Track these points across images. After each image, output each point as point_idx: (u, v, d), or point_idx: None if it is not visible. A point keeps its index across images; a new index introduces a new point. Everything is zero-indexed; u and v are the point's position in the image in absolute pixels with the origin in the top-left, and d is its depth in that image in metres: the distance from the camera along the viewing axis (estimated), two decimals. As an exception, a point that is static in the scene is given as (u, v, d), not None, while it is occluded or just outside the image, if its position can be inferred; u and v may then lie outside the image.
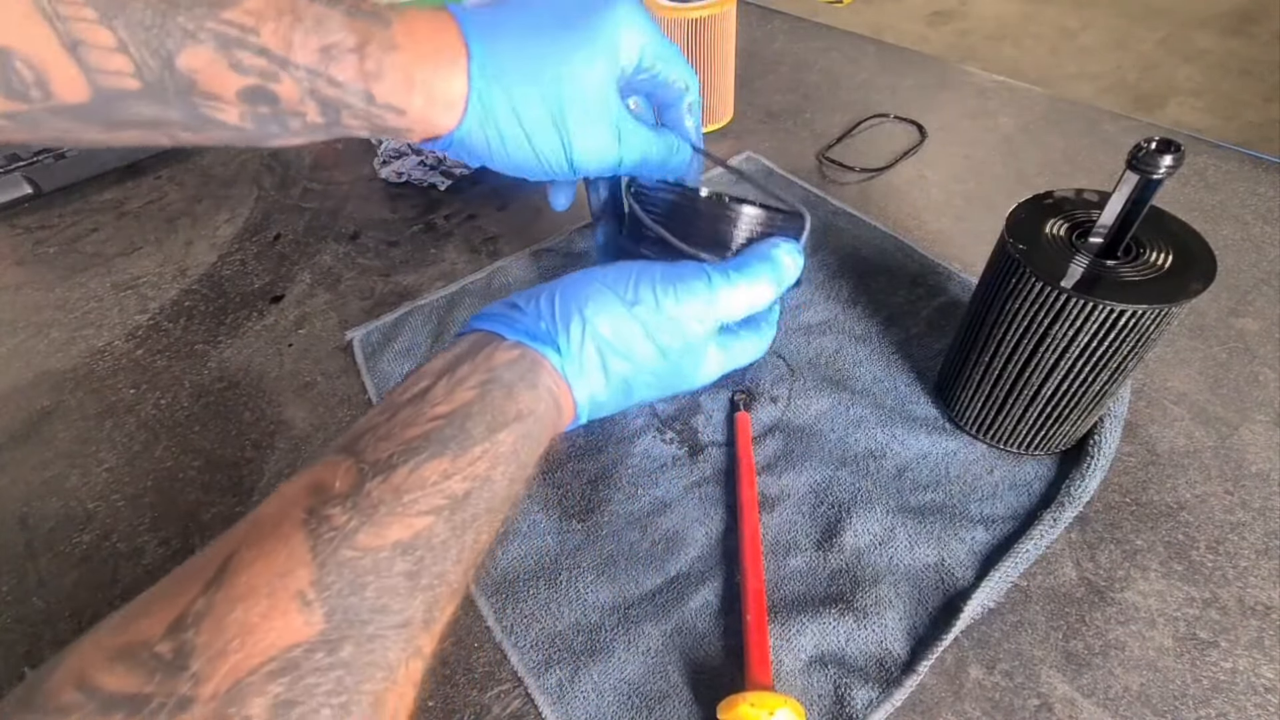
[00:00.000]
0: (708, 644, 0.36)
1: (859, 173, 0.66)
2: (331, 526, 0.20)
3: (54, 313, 0.60)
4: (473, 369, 0.25)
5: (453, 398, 0.24)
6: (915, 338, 0.50)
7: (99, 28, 0.24)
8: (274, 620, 0.18)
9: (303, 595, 0.19)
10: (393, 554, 0.21)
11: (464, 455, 0.23)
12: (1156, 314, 0.33)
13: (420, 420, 0.23)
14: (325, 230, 0.66)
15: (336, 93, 0.28)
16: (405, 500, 0.22)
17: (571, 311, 0.27)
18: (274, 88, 0.27)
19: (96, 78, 0.25)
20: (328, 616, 0.19)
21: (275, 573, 0.19)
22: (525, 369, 0.26)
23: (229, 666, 0.17)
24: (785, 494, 0.42)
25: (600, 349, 0.27)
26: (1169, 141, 0.32)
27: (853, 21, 2.70)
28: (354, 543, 0.20)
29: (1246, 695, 0.33)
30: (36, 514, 0.45)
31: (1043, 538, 0.37)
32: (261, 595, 0.18)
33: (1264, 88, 2.18)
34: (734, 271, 0.30)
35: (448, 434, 0.23)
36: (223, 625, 0.18)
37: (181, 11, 0.25)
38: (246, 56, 0.26)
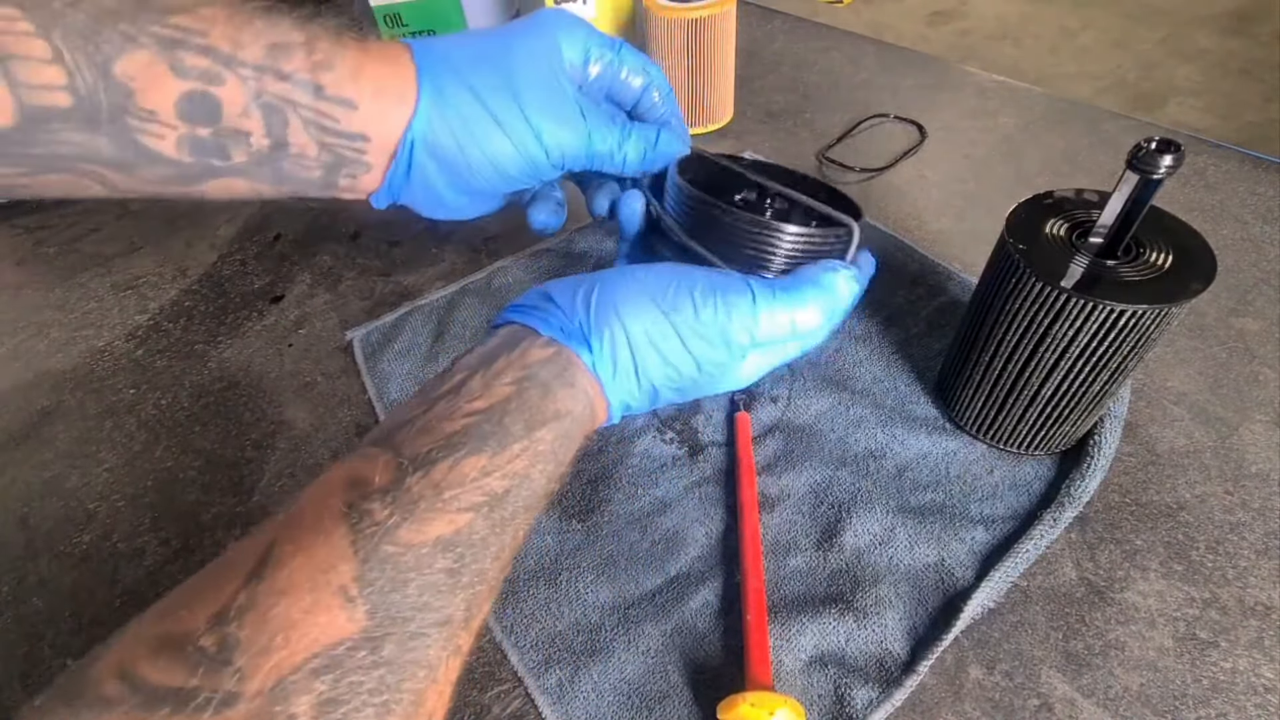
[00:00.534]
0: (708, 644, 0.36)
1: (859, 173, 0.66)
2: (373, 521, 0.20)
3: (54, 313, 0.60)
4: (508, 364, 0.25)
5: (490, 393, 0.24)
6: (915, 338, 0.50)
7: (34, 39, 0.23)
8: (318, 616, 0.18)
9: (345, 591, 0.19)
10: (434, 550, 0.21)
11: (503, 452, 0.23)
12: (1156, 314, 0.33)
13: (457, 415, 0.23)
14: (325, 230, 0.66)
15: (284, 88, 0.26)
16: (446, 496, 0.21)
17: (608, 313, 0.27)
18: (216, 91, 0.25)
19: (23, 94, 0.23)
20: (370, 613, 0.19)
21: (317, 567, 0.19)
22: (561, 367, 0.26)
23: (273, 663, 0.17)
24: (785, 494, 0.42)
25: (635, 353, 0.27)
26: (1169, 141, 0.32)
27: (853, 21, 2.71)
28: (395, 538, 0.20)
29: (1246, 695, 0.33)
30: (36, 514, 0.45)
31: (1043, 538, 0.38)
32: (304, 590, 0.18)
33: (1264, 88, 2.18)
34: (781, 292, 0.28)
35: (486, 430, 0.23)
36: (266, 620, 0.18)
37: (124, 19, 0.24)
38: (188, 56, 0.25)
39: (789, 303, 0.28)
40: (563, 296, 0.27)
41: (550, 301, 0.27)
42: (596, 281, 0.28)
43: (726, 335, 0.28)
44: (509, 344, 0.26)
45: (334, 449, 0.47)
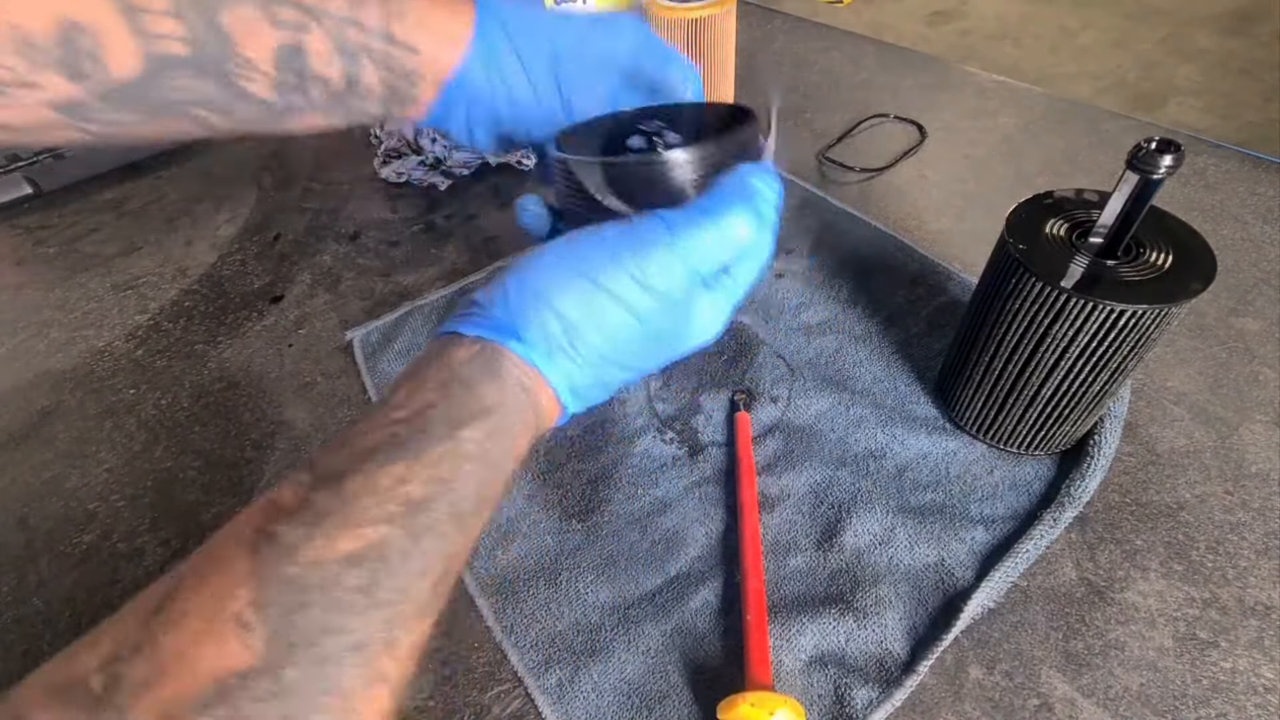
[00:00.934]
0: (708, 644, 0.36)
1: (859, 173, 0.66)
2: (275, 544, 0.19)
3: (54, 313, 0.60)
4: (434, 371, 0.24)
5: (412, 401, 0.23)
6: (915, 338, 0.50)
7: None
8: (207, 646, 0.17)
9: (239, 617, 0.17)
10: (341, 567, 0.19)
11: (422, 457, 0.21)
12: (1156, 314, 0.33)
13: (377, 427, 0.22)
14: (325, 230, 0.66)
15: (362, 38, 0.29)
16: (354, 509, 0.20)
17: (526, 295, 0.25)
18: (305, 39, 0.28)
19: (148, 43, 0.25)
20: (269, 639, 0.17)
21: (213, 596, 0.18)
22: (485, 361, 0.24)
23: (159, 697, 0.16)
24: (785, 494, 0.42)
25: (565, 328, 0.25)
26: (1169, 141, 0.32)
27: (853, 21, 2.71)
28: (297, 558, 0.19)
29: (1246, 695, 0.33)
30: (36, 514, 0.45)
31: (1043, 538, 0.37)
32: (195, 619, 0.17)
33: (1264, 88, 2.18)
34: (697, 213, 0.26)
35: (404, 437, 0.22)
36: (155, 654, 0.17)
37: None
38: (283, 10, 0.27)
39: (710, 219, 0.26)
40: (483, 294, 0.26)
41: (474, 303, 0.26)
42: (513, 268, 0.26)
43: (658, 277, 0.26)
44: (436, 353, 0.25)
45: (334, 449, 0.47)
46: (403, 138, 0.70)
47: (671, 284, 0.26)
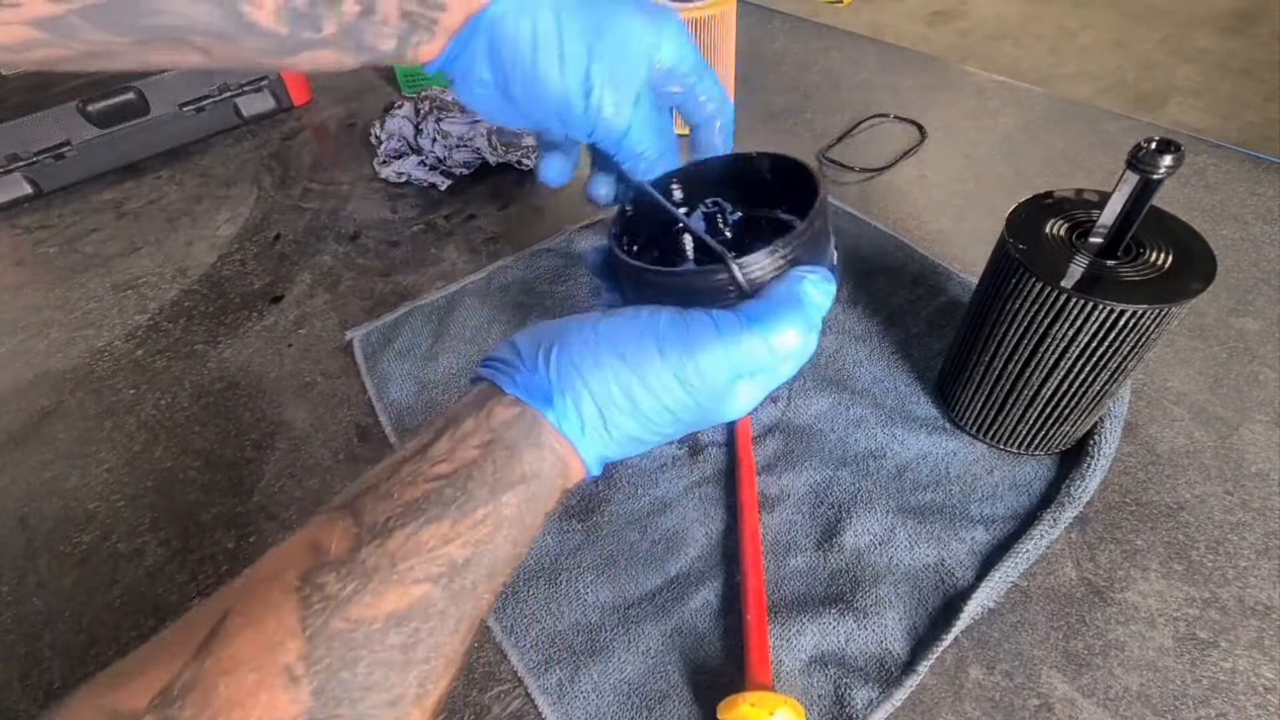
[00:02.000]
0: (708, 644, 0.36)
1: (859, 173, 0.66)
2: (324, 595, 0.19)
3: (54, 313, 0.60)
4: (475, 426, 0.24)
5: (455, 456, 0.23)
6: (915, 338, 0.50)
7: None
8: (260, 696, 0.18)
9: (290, 670, 0.18)
10: (386, 626, 0.20)
11: (465, 519, 0.22)
12: (1156, 314, 0.33)
13: (420, 480, 0.23)
14: (325, 230, 0.66)
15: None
16: (401, 568, 0.21)
17: (569, 373, 0.25)
18: None
19: None
20: (316, 694, 0.18)
21: (264, 644, 0.18)
22: (527, 428, 0.25)
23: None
24: (785, 494, 0.42)
25: (601, 410, 0.26)
26: (1169, 141, 0.32)
27: (853, 21, 2.71)
28: (346, 614, 0.19)
29: (1246, 695, 0.33)
30: (36, 514, 0.45)
31: (1043, 538, 0.38)
32: (249, 669, 0.18)
33: (1264, 88, 2.18)
34: (750, 322, 0.26)
35: (448, 495, 0.22)
36: (209, 699, 0.17)
37: None
38: None
39: (762, 330, 0.26)
40: (527, 350, 0.26)
41: (516, 355, 0.26)
42: (557, 336, 0.26)
43: (700, 378, 0.26)
44: (477, 404, 0.25)
45: (334, 449, 0.47)
46: (403, 137, 0.71)
47: (713, 384, 0.26)
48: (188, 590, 0.40)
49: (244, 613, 0.19)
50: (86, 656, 0.38)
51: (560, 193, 0.68)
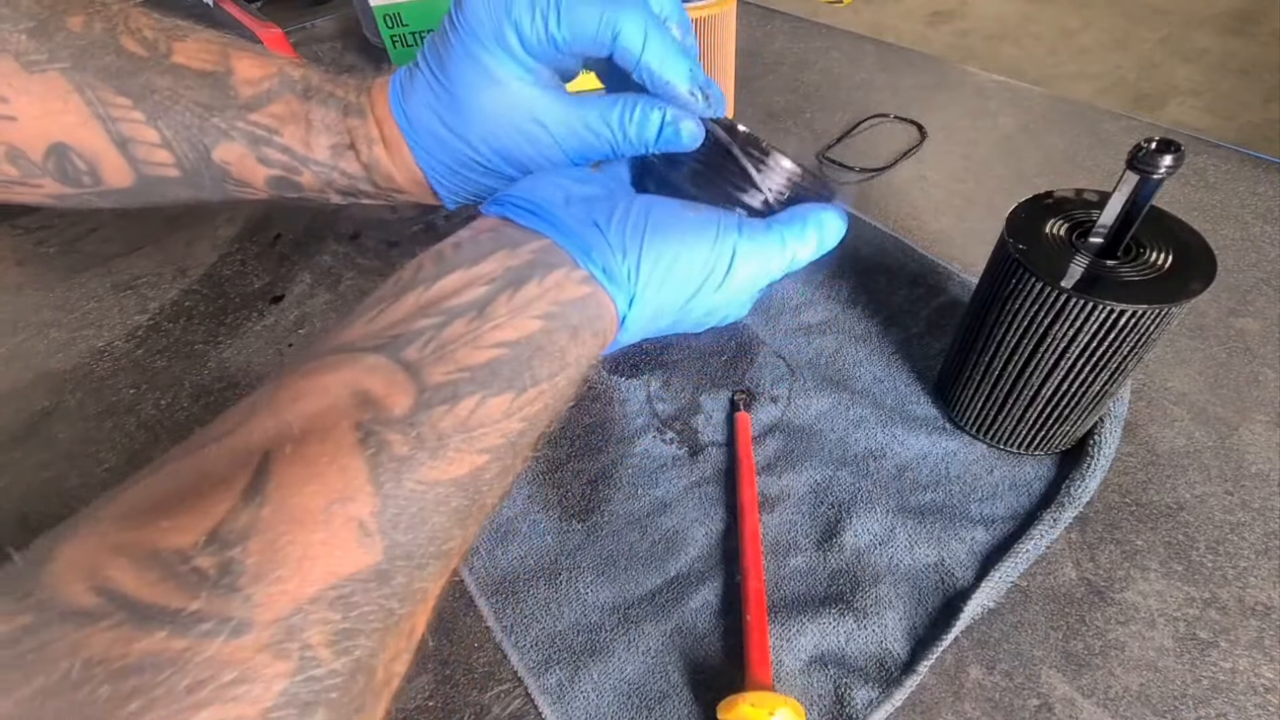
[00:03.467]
0: (708, 644, 0.36)
1: (859, 173, 0.66)
2: (393, 455, 0.19)
3: (54, 313, 0.60)
4: (540, 292, 0.23)
5: (516, 323, 0.23)
6: (915, 338, 0.50)
7: (146, 127, 0.28)
8: (334, 549, 0.17)
9: (364, 526, 0.18)
10: (452, 490, 0.20)
11: (525, 394, 0.22)
12: (1156, 314, 0.33)
13: (482, 343, 0.22)
14: (325, 230, 0.66)
15: (349, 181, 0.32)
16: (472, 435, 0.21)
17: (657, 262, 0.25)
18: (297, 178, 0.31)
19: (141, 167, 0.29)
20: (387, 550, 0.18)
21: (332, 497, 0.18)
22: (594, 313, 0.25)
23: (287, 592, 0.16)
24: (785, 494, 0.42)
25: (663, 306, 0.26)
26: (1169, 141, 0.32)
27: (853, 21, 2.71)
28: (418, 475, 0.19)
29: (1246, 695, 0.33)
30: (36, 514, 0.45)
31: (1043, 538, 0.38)
32: (319, 521, 0.17)
33: (1264, 88, 2.18)
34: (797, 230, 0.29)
35: (513, 369, 0.22)
36: (276, 547, 0.17)
37: (216, 114, 0.29)
38: (272, 153, 0.30)
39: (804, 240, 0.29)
40: (608, 224, 0.25)
41: (597, 230, 0.25)
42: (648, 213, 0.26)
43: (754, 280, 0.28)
44: (541, 265, 0.24)
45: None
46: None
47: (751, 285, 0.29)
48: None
49: (299, 460, 0.18)
50: (86, 656, 0.38)
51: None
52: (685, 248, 0.26)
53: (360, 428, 0.19)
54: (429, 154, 0.31)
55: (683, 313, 0.28)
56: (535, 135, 0.29)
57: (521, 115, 0.29)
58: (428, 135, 0.30)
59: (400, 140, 0.31)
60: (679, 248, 0.26)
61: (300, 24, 1.04)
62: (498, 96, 0.28)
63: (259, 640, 0.16)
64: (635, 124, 0.28)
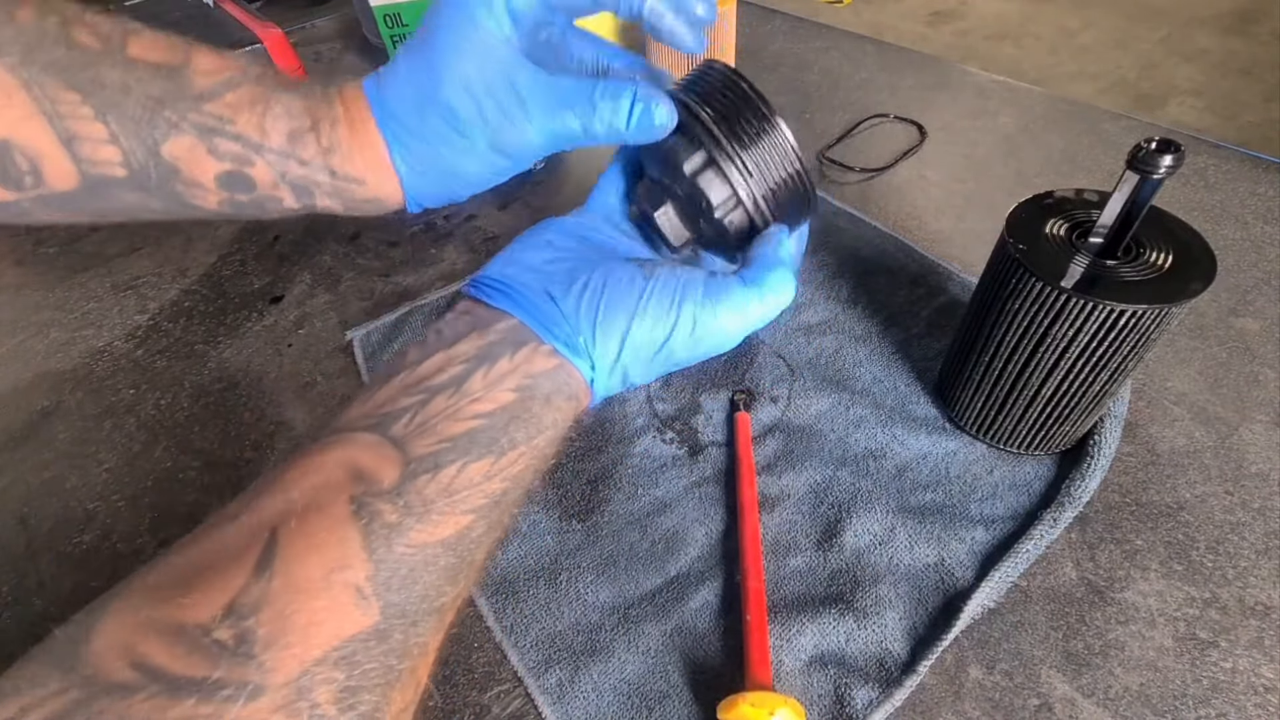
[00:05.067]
0: (708, 644, 0.36)
1: (859, 173, 0.66)
2: (384, 523, 0.21)
3: (54, 313, 0.60)
4: (512, 367, 0.26)
5: (492, 396, 0.25)
6: (915, 338, 0.50)
7: (94, 123, 0.27)
8: (334, 613, 0.19)
9: (360, 590, 0.20)
10: (440, 551, 0.22)
11: (504, 457, 0.24)
12: (1156, 314, 0.33)
13: (460, 416, 0.24)
14: (325, 230, 0.66)
15: (305, 172, 0.30)
16: (455, 499, 0.23)
17: (612, 335, 0.27)
18: (249, 171, 0.29)
19: (86, 167, 0.28)
20: (383, 610, 0.20)
21: (330, 567, 0.20)
22: (563, 381, 0.26)
23: (294, 656, 0.18)
24: (785, 494, 0.42)
25: (629, 370, 0.28)
26: (1169, 141, 0.32)
27: (853, 21, 2.71)
28: (408, 540, 0.21)
29: (1246, 695, 0.33)
30: (36, 514, 0.45)
31: (1043, 538, 0.37)
32: (320, 589, 0.19)
33: (1264, 88, 2.18)
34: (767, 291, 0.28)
35: (490, 436, 0.24)
36: (284, 616, 0.18)
37: (168, 106, 0.28)
38: (223, 143, 0.29)
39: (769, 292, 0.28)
40: (566, 302, 0.27)
41: (553, 304, 0.27)
42: (600, 293, 0.27)
43: (724, 339, 0.29)
44: (511, 344, 0.26)
45: (334, 449, 0.47)
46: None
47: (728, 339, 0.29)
48: (188, 590, 0.40)
49: (302, 534, 0.20)
50: (86, 656, 0.38)
51: (560, 193, 0.68)
52: (639, 321, 0.27)
53: (354, 500, 0.21)
54: (397, 123, 0.30)
55: (661, 366, 0.29)
56: (510, 106, 0.29)
57: (500, 80, 0.28)
58: (398, 101, 0.29)
59: (366, 117, 0.30)
60: (633, 321, 0.27)
61: (300, 24, 1.04)
62: (479, 56, 0.28)
63: (273, 701, 0.18)
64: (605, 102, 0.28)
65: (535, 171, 0.70)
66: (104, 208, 0.29)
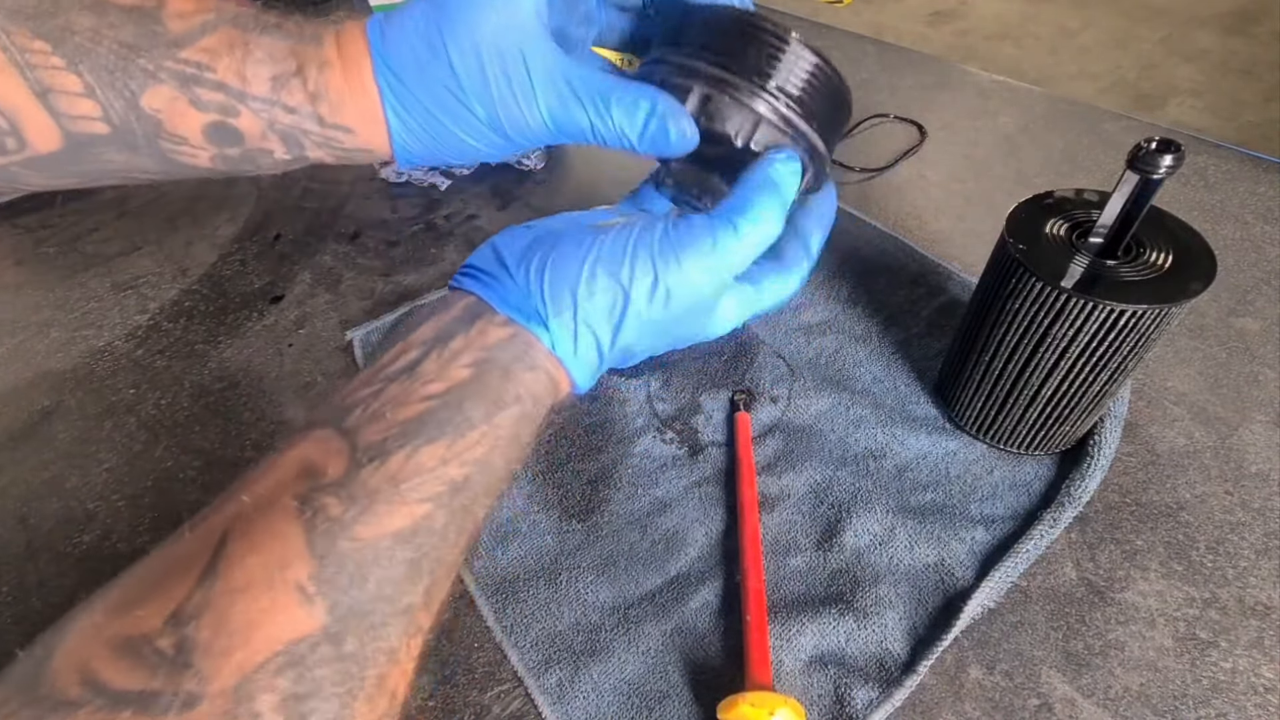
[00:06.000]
0: (708, 644, 0.36)
1: (859, 173, 0.66)
2: (327, 517, 0.20)
3: (54, 313, 0.60)
4: (466, 343, 0.24)
5: (446, 375, 0.23)
6: (915, 338, 0.50)
7: (66, 74, 0.25)
8: (276, 615, 0.18)
9: (303, 589, 0.19)
10: (393, 544, 0.20)
11: (461, 440, 0.23)
12: (1156, 314, 0.33)
13: (412, 399, 0.23)
14: (325, 230, 0.66)
15: (293, 119, 0.28)
16: (403, 488, 0.21)
17: (563, 293, 0.25)
18: (234, 122, 0.27)
19: (66, 123, 0.26)
20: (330, 610, 0.19)
21: (273, 566, 0.19)
22: (521, 350, 0.25)
23: (234, 662, 0.17)
24: (785, 494, 0.42)
25: (595, 332, 0.26)
26: (1169, 141, 0.32)
27: (853, 21, 2.70)
28: (352, 534, 0.20)
29: (1246, 695, 0.33)
30: (36, 514, 0.45)
31: (1043, 538, 0.38)
32: (261, 589, 0.18)
33: (1264, 88, 2.18)
34: (740, 220, 0.26)
35: (443, 417, 0.22)
36: (224, 620, 0.18)
37: (141, 54, 0.26)
38: (204, 92, 0.27)
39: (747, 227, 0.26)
40: (515, 265, 0.26)
41: (503, 269, 0.26)
42: (549, 253, 0.26)
43: (694, 287, 0.26)
44: (465, 320, 0.25)
45: (334, 449, 0.47)
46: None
47: (701, 295, 0.26)
48: (188, 590, 0.40)
49: (245, 535, 0.19)
50: (86, 656, 0.38)
51: (560, 193, 0.68)
52: (587, 278, 0.25)
53: (299, 497, 0.20)
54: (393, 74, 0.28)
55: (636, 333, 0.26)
56: (518, 83, 0.27)
57: (513, 52, 0.27)
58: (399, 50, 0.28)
59: (363, 61, 0.28)
60: (581, 279, 0.25)
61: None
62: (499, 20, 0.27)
63: (211, 710, 0.17)
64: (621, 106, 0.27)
65: (536, 171, 0.70)
66: (93, 170, 0.28)
